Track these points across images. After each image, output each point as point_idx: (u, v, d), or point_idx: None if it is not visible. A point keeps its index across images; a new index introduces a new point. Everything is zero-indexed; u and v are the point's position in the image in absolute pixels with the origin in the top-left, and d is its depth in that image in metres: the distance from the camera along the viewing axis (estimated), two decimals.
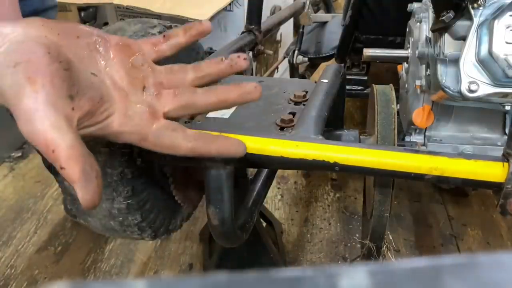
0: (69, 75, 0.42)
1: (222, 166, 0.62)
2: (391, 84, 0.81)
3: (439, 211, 1.47)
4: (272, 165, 0.73)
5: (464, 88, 0.78)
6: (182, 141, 0.49)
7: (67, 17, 2.29)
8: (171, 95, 0.52)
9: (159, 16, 1.60)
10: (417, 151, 0.58)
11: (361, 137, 0.79)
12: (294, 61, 1.54)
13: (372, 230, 0.80)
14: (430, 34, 0.90)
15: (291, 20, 1.99)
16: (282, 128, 0.70)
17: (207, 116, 0.75)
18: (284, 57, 1.70)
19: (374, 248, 0.81)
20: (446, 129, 1.01)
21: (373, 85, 0.81)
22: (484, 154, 0.72)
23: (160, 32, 0.85)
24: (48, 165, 1.24)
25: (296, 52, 1.55)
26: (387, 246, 0.84)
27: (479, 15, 0.76)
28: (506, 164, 0.55)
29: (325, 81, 0.81)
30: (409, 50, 1.04)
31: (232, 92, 0.52)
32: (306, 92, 0.80)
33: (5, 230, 1.41)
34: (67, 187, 0.81)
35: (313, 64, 1.65)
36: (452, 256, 0.18)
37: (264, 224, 1.33)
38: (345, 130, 0.81)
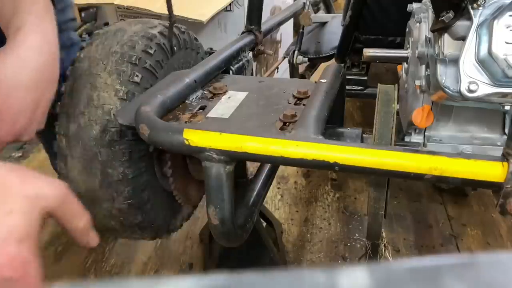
0: None
1: (222, 166, 0.62)
2: (396, 84, 0.81)
3: (439, 211, 1.47)
4: (273, 163, 0.74)
5: (463, 88, 0.78)
6: None
7: None
8: None
9: (159, 17, 1.60)
10: (416, 151, 0.58)
11: (364, 135, 0.79)
12: (294, 61, 1.55)
13: (368, 227, 0.80)
14: (429, 34, 0.90)
15: (291, 20, 1.99)
16: (284, 124, 0.70)
17: (207, 116, 0.75)
18: (284, 57, 1.70)
19: (370, 245, 0.82)
20: (445, 129, 1.01)
21: (379, 84, 0.81)
22: (483, 154, 0.72)
23: (160, 33, 0.85)
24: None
25: (296, 52, 1.55)
26: (384, 245, 0.84)
27: (478, 15, 0.76)
28: (505, 164, 0.55)
29: (325, 81, 0.81)
30: (409, 50, 1.04)
31: None
32: (306, 92, 0.80)
33: None
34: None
35: (313, 64, 1.65)
36: (451, 256, 0.18)
37: (264, 224, 1.33)
38: (348, 128, 0.81)
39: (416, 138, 1.04)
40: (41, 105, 0.64)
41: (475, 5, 0.76)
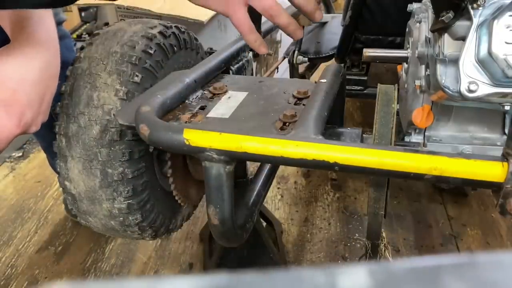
0: None
1: (222, 166, 0.62)
2: (396, 84, 0.81)
3: (439, 211, 1.47)
4: (273, 163, 0.74)
5: (463, 88, 0.78)
6: None
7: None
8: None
9: (159, 17, 1.60)
10: (416, 151, 0.58)
11: (364, 135, 0.79)
12: (294, 61, 1.55)
13: (368, 227, 0.80)
14: (429, 34, 0.90)
15: None
16: (284, 124, 0.70)
17: (207, 116, 0.75)
18: (284, 57, 1.70)
19: (370, 245, 0.82)
20: (445, 129, 1.01)
21: (379, 84, 0.81)
22: (483, 154, 0.72)
23: (160, 33, 0.85)
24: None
25: (296, 52, 1.55)
26: (384, 245, 0.84)
27: (478, 15, 0.76)
28: (505, 164, 0.55)
29: (325, 81, 0.81)
30: (409, 50, 1.04)
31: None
32: (306, 92, 0.80)
33: (5, 230, 1.41)
34: (67, 186, 0.81)
35: (313, 64, 1.65)
36: (451, 256, 0.18)
37: (264, 224, 1.33)
38: (348, 128, 0.81)
39: (416, 138, 1.04)
40: (46, 98, 0.68)
41: (475, 5, 0.76)
